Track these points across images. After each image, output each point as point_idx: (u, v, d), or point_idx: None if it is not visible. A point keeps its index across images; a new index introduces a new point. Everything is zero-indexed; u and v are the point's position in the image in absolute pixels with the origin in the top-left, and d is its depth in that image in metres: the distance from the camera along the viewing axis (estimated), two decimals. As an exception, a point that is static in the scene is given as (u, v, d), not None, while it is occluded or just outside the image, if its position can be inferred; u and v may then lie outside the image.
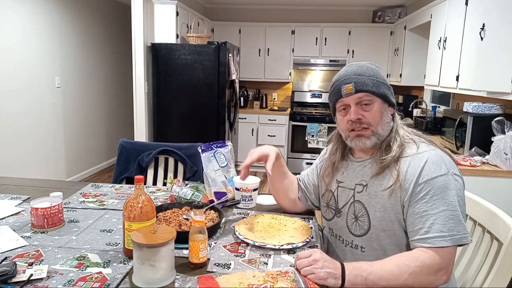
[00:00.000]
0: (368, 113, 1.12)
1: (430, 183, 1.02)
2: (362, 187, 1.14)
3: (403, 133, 1.14)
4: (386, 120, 1.13)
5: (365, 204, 1.13)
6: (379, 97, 1.11)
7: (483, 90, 2.39)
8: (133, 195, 1.07)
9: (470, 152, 2.44)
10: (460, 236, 0.98)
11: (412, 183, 1.04)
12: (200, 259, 1.03)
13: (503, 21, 2.21)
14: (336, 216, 1.23)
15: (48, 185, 1.74)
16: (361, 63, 1.16)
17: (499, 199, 1.49)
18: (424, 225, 1.00)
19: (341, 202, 1.22)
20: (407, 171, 1.06)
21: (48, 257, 1.06)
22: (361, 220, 1.14)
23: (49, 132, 4.02)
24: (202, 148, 1.52)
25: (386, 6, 5.17)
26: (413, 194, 1.03)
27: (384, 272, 0.98)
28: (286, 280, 0.96)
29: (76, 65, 4.42)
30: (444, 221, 0.98)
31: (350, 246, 1.19)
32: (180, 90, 3.89)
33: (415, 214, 1.03)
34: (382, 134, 1.13)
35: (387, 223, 1.09)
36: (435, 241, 0.98)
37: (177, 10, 3.84)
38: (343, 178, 1.22)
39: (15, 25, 3.46)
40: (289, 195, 1.39)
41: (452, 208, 0.99)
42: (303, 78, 5.66)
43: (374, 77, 1.12)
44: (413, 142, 1.12)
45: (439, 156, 1.06)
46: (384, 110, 1.13)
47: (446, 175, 1.02)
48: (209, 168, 1.51)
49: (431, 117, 3.65)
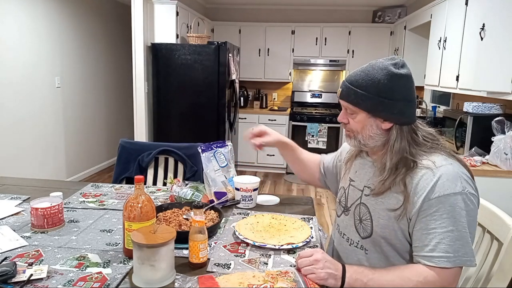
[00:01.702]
0: (351, 121, 1.10)
1: (442, 200, 0.97)
2: (370, 190, 1.12)
3: (410, 148, 1.05)
4: (369, 133, 1.08)
5: (370, 209, 1.11)
6: (363, 110, 1.06)
7: (483, 90, 2.39)
8: (133, 195, 1.07)
9: (470, 152, 2.44)
10: (465, 259, 0.95)
11: (422, 197, 0.99)
12: (200, 259, 1.03)
13: (503, 21, 2.21)
14: (344, 213, 1.22)
15: (48, 185, 1.74)
16: (368, 68, 1.06)
17: (499, 199, 1.49)
18: (430, 242, 0.97)
19: (350, 200, 1.21)
20: (418, 184, 1.01)
21: (48, 257, 1.06)
22: (364, 223, 1.13)
23: (49, 132, 4.01)
24: (202, 148, 1.52)
25: (386, 6, 5.17)
26: (422, 209, 0.99)
27: (385, 281, 0.97)
28: (286, 280, 0.96)
29: (76, 65, 4.42)
30: (451, 241, 0.95)
31: (355, 246, 1.17)
32: (180, 90, 3.89)
33: (422, 229, 0.99)
34: (365, 144, 1.10)
35: (389, 232, 1.06)
36: (439, 261, 0.95)
37: (177, 10, 3.84)
38: (355, 177, 1.21)
39: (15, 25, 3.46)
40: (304, 173, 1.50)
41: (462, 229, 0.95)
42: (303, 78, 5.66)
43: (363, 89, 1.03)
44: (428, 154, 1.05)
45: (455, 172, 0.99)
46: (368, 123, 1.07)
47: (460, 194, 0.97)
48: (209, 168, 1.51)
49: (431, 117, 3.65)
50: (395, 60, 1.06)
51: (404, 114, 1.06)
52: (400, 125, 1.06)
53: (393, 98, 1.03)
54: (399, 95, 1.04)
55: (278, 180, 4.98)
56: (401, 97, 1.04)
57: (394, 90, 1.03)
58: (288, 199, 1.64)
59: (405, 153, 1.05)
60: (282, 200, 1.60)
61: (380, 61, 1.07)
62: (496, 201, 1.23)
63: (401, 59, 1.07)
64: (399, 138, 1.06)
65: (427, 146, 1.07)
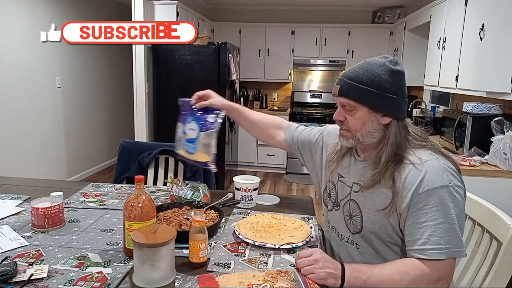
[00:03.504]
0: (350, 118, 1.10)
1: (430, 194, 0.99)
2: (359, 187, 1.13)
3: (403, 143, 1.08)
4: (369, 129, 1.08)
5: (360, 205, 1.13)
6: (365, 105, 1.07)
7: (483, 90, 2.39)
8: (134, 195, 1.07)
9: (470, 152, 2.44)
10: (455, 250, 0.98)
11: (411, 192, 1.01)
12: (200, 258, 1.03)
13: (503, 21, 2.22)
14: (334, 209, 1.23)
15: (49, 185, 1.75)
16: (365, 65, 1.07)
17: (499, 199, 1.49)
18: (422, 236, 0.99)
19: (340, 196, 1.21)
20: (406, 179, 1.03)
21: (49, 256, 1.07)
22: (354, 219, 1.15)
23: (49, 132, 4.02)
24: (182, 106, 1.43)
25: (385, 7, 5.17)
26: (412, 204, 1.01)
27: (384, 277, 0.98)
28: (286, 280, 0.96)
29: (77, 65, 4.42)
30: (442, 233, 0.97)
31: (346, 241, 1.19)
32: (181, 91, 3.87)
33: (414, 224, 1.01)
34: (363, 141, 1.10)
35: (379, 227, 1.08)
36: (432, 253, 0.97)
37: (177, 10, 3.84)
38: (344, 173, 1.21)
39: (16, 26, 3.46)
40: (260, 133, 1.52)
41: (451, 221, 0.98)
42: (303, 78, 5.66)
43: (366, 85, 1.04)
44: (415, 150, 1.07)
45: (441, 166, 1.02)
46: (369, 119, 1.07)
47: (447, 187, 0.99)
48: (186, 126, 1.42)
49: (431, 117, 3.65)
50: (389, 58, 1.09)
51: (401, 110, 1.09)
52: (398, 120, 1.09)
53: (394, 93, 1.06)
54: (398, 91, 1.07)
55: (278, 180, 4.98)
56: (399, 93, 1.07)
57: (393, 85, 1.06)
58: (288, 199, 1.65)
59: (398, 149, 1.07)
60: (282, 200, 1.60)
61: (375, 58, 1.10)
62: (496, 201, 1.23)
63: (394, 57, 1.11)
64: (397, 133, 1.08)
65: (415, 143, 1.09)
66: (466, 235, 1.30)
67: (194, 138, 1.40)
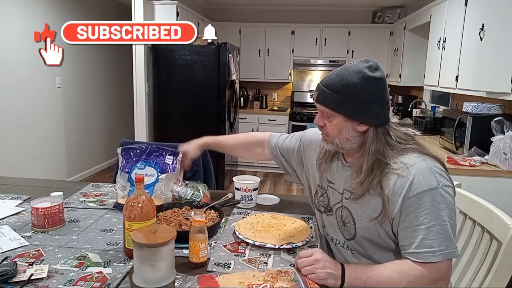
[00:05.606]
0: (328, 124, 1.10)
1: (421, 197, 0.99)
2: (350, 193, 1.12)
3: (384, 150, 1.06)
4: (346, 136, 1.08)
5: (352, 212, 1.13)
6: (340, 114, 1.06)
7: (483, 90, 2.39)
8: (134, 195, 1.07)
9: (470, 152, 2.44)
10: (449, 251, 0.98)
11: (401, 196, 1.01)
12: (200, 258, 1.03)
13: (503, 21, 2.22)
14: (327, 213, 1.23)
15: (49, 185, 1.75)
16: (342, 72, 1.06)
17: (499, 199, 1.49)
18: (416, 239, 0.99)
19: (332, 201, 1.21)
20: (395, 184, 1.02)
21: (49, 256, 1.07)
22: (348, 226, 1.15)
23: (49, 132, 4.02)
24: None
25: (385, 7, 5.18)
26: (403, 208, 1.01)
27: (384, 277, 0.99)
28: (286, 280, 0.96)
29: (77, 65, 4.42)
30: (434, 236, 0.98)
31: (341, 246, 1.19)
32: (181, 91, 3.89)
33: (407, 228, 1.01)
34: (342, 146, 1.10)
35: (372, 233, 1.09)
36: (426, 256, 0.98)
37: (177, 10, 3.84)
38: (334, 179, 1.20)
39: (16, 26, 3.46)
40: (247, 155, 1.61)
41: (442, 223, 0.98)
42: (303, 78, 5.67)
43: (339, 94, 1.04)
44: (400, 154, 1.06)
45: (428, 168, 1.02)
46: (345, 126, 1.07)
47: (436, 189, 0.99)
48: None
49: (431, 117, 3.65)
50: (369, 63, 1.06)
51: (379, 117, 1.07)
52: (375, 127, 1.07)
53: (368, 101, 1.04)
54: (374, 99, 1.05)
55: (278, 180, 4.98)
56: (375, 100, 1.05)
57: (369, 93, 1.04)
58: (288, 199, 1.64)
59: (379, 155, 1.06)
60: (282, 200, 1.61)
61: (355, 63, 1.08)
62: (495, 201, 1.23)
63: (375, 62, 1.08)
64: (375, 140, 1.06)
65: (400, 147, 1.08)
66: (466, 235, 1.30)
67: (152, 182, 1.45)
